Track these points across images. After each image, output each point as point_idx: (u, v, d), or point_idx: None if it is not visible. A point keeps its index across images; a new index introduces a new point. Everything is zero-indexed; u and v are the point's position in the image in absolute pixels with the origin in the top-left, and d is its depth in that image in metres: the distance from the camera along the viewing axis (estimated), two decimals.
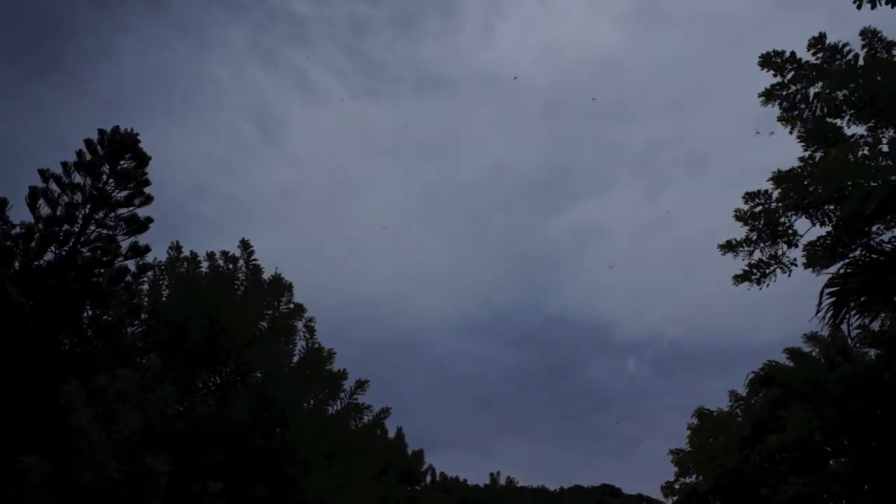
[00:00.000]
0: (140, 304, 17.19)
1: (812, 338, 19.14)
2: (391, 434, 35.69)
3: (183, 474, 12.67)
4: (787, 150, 12.14)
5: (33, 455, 11.29)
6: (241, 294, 17.34)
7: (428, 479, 45.52)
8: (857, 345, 17.72)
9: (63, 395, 11.96)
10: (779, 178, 11.85)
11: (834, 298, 11.40)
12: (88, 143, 16.44)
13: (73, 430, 11.77)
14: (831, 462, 18.33)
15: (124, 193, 16.72)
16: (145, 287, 17.49)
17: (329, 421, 16.60)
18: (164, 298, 17.42)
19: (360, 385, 16.90)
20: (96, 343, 16.01)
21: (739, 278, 12.52)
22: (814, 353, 19.15)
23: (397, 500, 17.45)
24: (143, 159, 16.88)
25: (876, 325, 13.12)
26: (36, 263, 15.80)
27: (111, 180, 16.59)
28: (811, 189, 11.59)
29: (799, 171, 11.83)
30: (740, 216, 12.35)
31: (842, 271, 11.49)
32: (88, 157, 16.44)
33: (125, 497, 11.79)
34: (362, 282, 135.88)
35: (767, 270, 12.43)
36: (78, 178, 16.31)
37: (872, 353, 17.18)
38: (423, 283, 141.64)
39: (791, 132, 11.98)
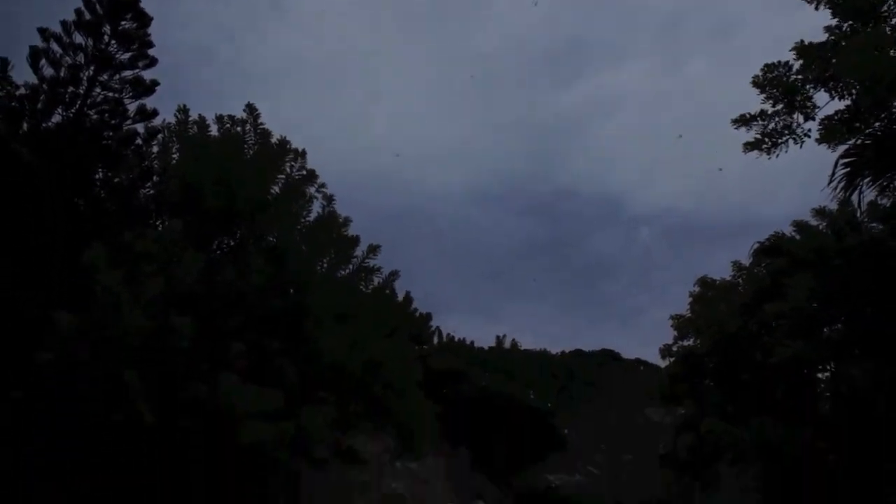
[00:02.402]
0: (151, 167, 17.27)
1: (820, 212, 19.24)
2: (399, 298, 36.87)
3: (205, 337, 13.26)
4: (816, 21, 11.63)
5: (63, 312, 11.81)
6: (251, 158, 17.31)
7: (435, 340, 47.50)
8: (866, 219, 17.84)
9: (86, 255, 12.33)
10: (802, 49, 11.45)
11: (848, 169, 11.37)
12: (87, 1, 15.83)
13: (100, 289, 12.24)
14: (825, 329, 19.01)
15: (128, 55, 16.30)
16: (155, 150, 17.49)
17: (341, 283, 17.11)
18: (173, 162, 17.44)
19: (372, 250, 17.25)
20: (109, 205, 16.27)
21: (750, 146, 12.47)
22: (821, 227, 19.32)
23: (407, 358, 18.32)
24: (144, 19, 16.31)
25: (887, 198, 13.15)
26: (44, 125, 15.72)
27: (113, 41, 16.11)
28: (834, 62, 11.21)
29: (824, 43, 11.39)
30: (758, 82, 12.07)
31: (859, 142, 11.38)
32: (88, 16, 15.88)
33: (151, 351, 12.44)
34: (371, 150, 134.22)
35: (779, 140, 12.33)
36: (79, 39, 15.87)
37: (880, 227, 17.31)
38: (432, 152, 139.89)
39: (817, 8, 11.44)
